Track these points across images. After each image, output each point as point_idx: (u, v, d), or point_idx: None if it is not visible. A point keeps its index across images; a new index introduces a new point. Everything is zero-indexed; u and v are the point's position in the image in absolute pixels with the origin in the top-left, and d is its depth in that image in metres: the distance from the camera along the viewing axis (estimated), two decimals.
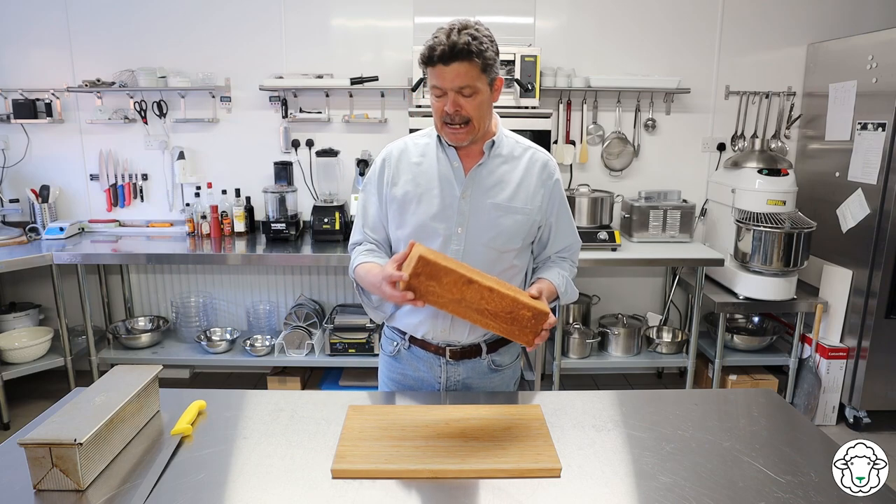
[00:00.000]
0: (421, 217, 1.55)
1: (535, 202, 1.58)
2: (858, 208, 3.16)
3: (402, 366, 1.70)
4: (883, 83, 3.01)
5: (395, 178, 1.59)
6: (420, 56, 1.45)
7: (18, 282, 3.75)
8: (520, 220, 1.56)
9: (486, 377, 1.67)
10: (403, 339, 1.67)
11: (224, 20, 3.50)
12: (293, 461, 1.27)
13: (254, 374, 3.88)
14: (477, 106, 1.46)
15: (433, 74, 1.45)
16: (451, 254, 1.54)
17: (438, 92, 1.46)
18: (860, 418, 3.27)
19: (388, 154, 1.63)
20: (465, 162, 1.57)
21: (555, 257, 1.69)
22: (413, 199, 1.56)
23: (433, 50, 1.40)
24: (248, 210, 3.62)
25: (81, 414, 1.23)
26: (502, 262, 1.57)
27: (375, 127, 3.59)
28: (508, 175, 1.57)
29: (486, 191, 1.55)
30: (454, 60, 1.40)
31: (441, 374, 1.65)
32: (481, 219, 1.54)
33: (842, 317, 3.27)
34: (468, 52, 1.39)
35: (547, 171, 1.61)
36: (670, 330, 3.69)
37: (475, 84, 1.44)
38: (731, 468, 1.26)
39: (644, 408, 1.52)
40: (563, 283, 1.62)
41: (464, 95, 1.44)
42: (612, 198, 3.49)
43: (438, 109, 1.48)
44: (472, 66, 1.41)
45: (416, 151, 1.61)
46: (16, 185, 3.64)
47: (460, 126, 1.47)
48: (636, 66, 3.58)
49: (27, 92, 3.51)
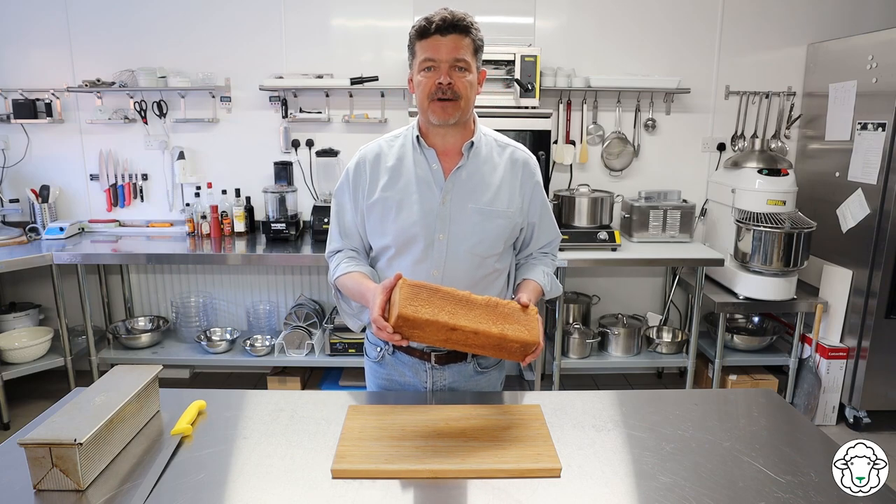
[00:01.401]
0: (401, 224, 1.51)
1: (515, 204, 1.56)
2: (858, 208, 3.16)
3: (387, 371, 1.68)
4: (883, 83, 3.01)
5: (371, 185, 1.54)
6: (414, 29, 1.44)
7: (18, 282, 3.75)
8: (502, 224, 1.54)
9: (471, 379, 1.65)
10: (388, 346, 1.64)
11: (224, 20, 3.50)
12: (293, 461, 1.27)
13: (254, 374, 3.88)
14: (468, 84, 1.45)
15: (426, 47, 1.43)
16: (433, 260, 1.52)
17: (430, 64, 1.43)
18: (860, 418, 3.27)
19: (362, 159, 1.57)
20: (443, 164, 1.53)
21: (536, 253, 1.69)
22: (392, 205, 1.52)
23: (430, 21, 1.41)
24: (248, 210, 3.62)
25: (81, 414, 1.23)
26: (485, 266, 1.55)
27: (375, 127, 3.59)
28: (489, 177, 1.54)
29: (467, 195, 1.52)
30: (452, 32, 1.41)
31: (427, 379, 1.63)
32: (463, 224, 1.51)
33: (842, 317, 3.27)
34: (465, 27, 1.42)
35: (528, 171, 1.59)
36: (670, 330, 3.69)
37: (468, 60, 1.44)
38: (731, 468, 1.26)
39: (644, 408, 1.52)
40: (547, 280, 1.63)
41: (458, 69, 1.43)
42: (612, 198, 3.49)
43: (427, 85, 1.44)
44: (467, 42, 1.43)
45: (392, 154, 1.56)
46: (16, 185, 3.64)
47: (450, 100, 1.44)
48: (636, 66, 3.58)
49: (27, 92, 3.51)
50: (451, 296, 1.32)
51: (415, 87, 1.49)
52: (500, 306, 1.35)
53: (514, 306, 1.37)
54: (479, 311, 1.33)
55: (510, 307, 1.36)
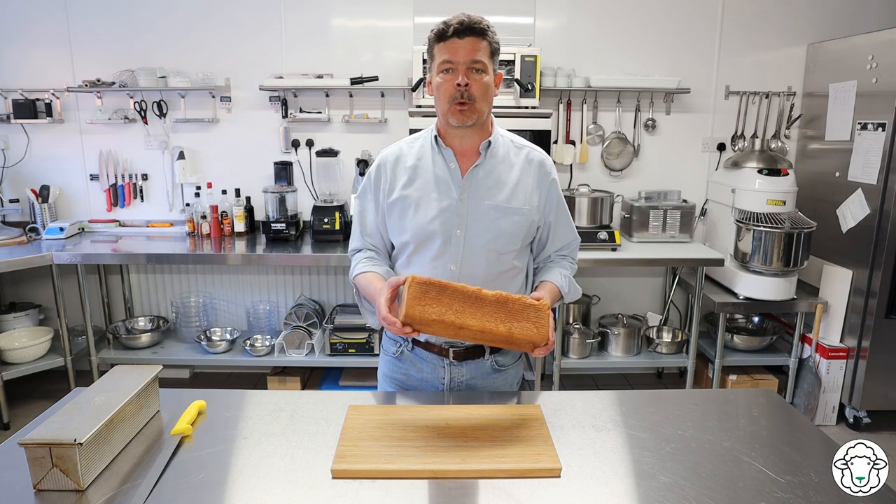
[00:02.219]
0: (419, 221, 1.55)
1: (532, 202, 1.58)
2: (858, 208, 3.16)
3: (405, 366, 1.70)
4: (883, 83, 3.01)
5: (392, 184, 1.59)
6: (433, 33, 1.48)
7: (18, 282, 3.75)
8: (518, 221, 1.56)
9: (489, 377, 1.67)
10: (406, 342, 1.67)
11: (224, 20, 3.50)
12: (293, 461, 1.27)
13: (254, 374, 3.88)
14: (485, 86, 1.49)
15: (445, 49, 1.47)
16: (450, 256, 1.54)
17: (448, 66, 1.47)
18: (860, 418, 3.27)
19: (384, 161, 1.63)
20: (461, 163, 1.57)
21: (555, 256, 1.70)
22: (411, 204, 1.56)
23: (448, 25, 1.45)
24: (248, 210, 3.62)
25: (81, 414, 1.23)
26: (502, 263, 1.57)
27: (375, 127, 3.59)
28: (505, 175, 1.57)
29: (483, 192, 1.55)
30: (469, 35, 1.45)
31: (444, 375, 1.65)
32: (480, 221, 1.54)
33: (842, 317, 3.27)
34: (482, 30, 1.47)
35: (544, 171, 1.61)
36: (670, 330, 3.69)
37: (485, 62, 1.47)
38: (731, 468, 1.26)
39: (644, 408, 1.52)
40: (565, 283, 1.64)
41: (475, 71, 1.46)
42: (612, 198, 3.49)
43: (446, 89, 1.48)
44: (484, 44, 1.47)
45: (412, 155, 1.61)
46: (16, 185, 3.64)
47: (467, 103, 1.47)
48: (636, 66, 3.58)
49: (27, 92, 3.51)
50: (460, 293, 1.32)
51: (434, 89, 1.53)
52: (511, 302, 1.35)
53: (525, 302, 1.36)
54: (487, 308, 1.33)
55: (521, 303, 1.35)
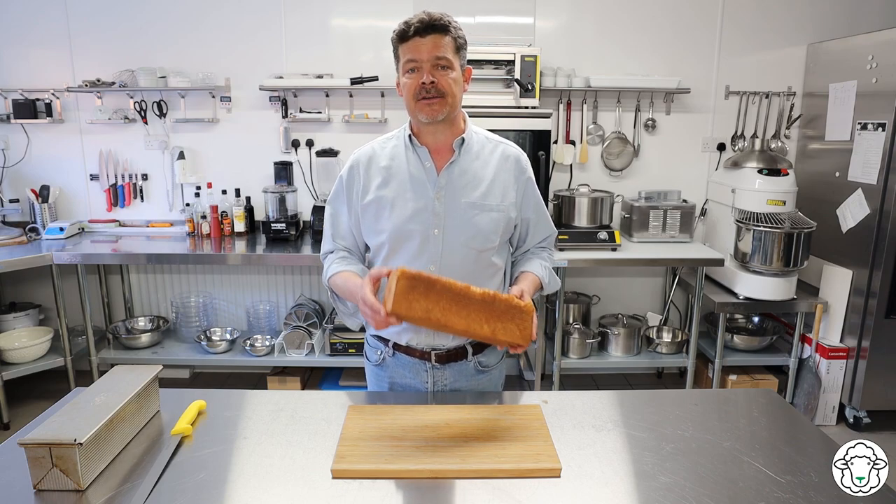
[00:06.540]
0: (396, 221, 1.53)
1: (508, 198, 1.57)
2: (858, 208, 3.16)
3: (387, 374, 1.68)
4: (883, 83, 3.01)
5: (366, 186, 1.57)
6: (395, 35, 1.47)
7: (18, 282, 3.75)
8: (495, 218, 1.55)
9: (473, 379, 1.66)
10: (387, 347, 1.65)
11: (224, 20, 3.50)
12: (293, 461, 1.27)
13: (254, 374, 3.88)
14: (452, 81, 1.47)
15: (408, 49, 1.46)
16: (429, 256, 1.53)
17: (413, 65, 1.46)
18: (860, 418, 3.27)
19: (356, 162, 1.60)
20: (436, 161, 1.55)
21: (534, 248, 1.70)
22: (387, 204, 1.54)
23: (409, 24, 1.44)
24: (248, 210, 3.62)
25: (81, 414, 1.23)
26: (481, 261, 1.56)
27: (375, 127, 3.59)
28: (481, 172, 1.56)
29: (459, 190, 1.54)
30: (431, 32, 1.44)
31: (427, 379, 1.63)
32: (457, 219, 1.53)
33: (842, 317, 3.27)
34: (444, 26, 1.45)
35: (519, 167, 1.61)
36: (670, 330, 3.69)
37: (450, 58, 1.46)
38: (731, 468, 1.26)
39: (644, 408, 1.52)
40: (546, 273, 1.64)
41: (440, 67, 1.45)
42: (612, 198, 3.49)
43: (412, 87, 1.47)
44: (447, 40, 1.45)
45: (385, 155, 1.58)
46: (16, 185, 3.64)
47: (435, 97, 1.46)
48: (636, 66, 3.58)
49: (27, 92, 3.51)
50: (448, 289, 1.31)
51: (401, 89, 1.52)
52: (497, 302, 1.35)
53: (512, 303, 1.36)
54: (474, 307, 1.33)
55: (507, 304, 1.35)
